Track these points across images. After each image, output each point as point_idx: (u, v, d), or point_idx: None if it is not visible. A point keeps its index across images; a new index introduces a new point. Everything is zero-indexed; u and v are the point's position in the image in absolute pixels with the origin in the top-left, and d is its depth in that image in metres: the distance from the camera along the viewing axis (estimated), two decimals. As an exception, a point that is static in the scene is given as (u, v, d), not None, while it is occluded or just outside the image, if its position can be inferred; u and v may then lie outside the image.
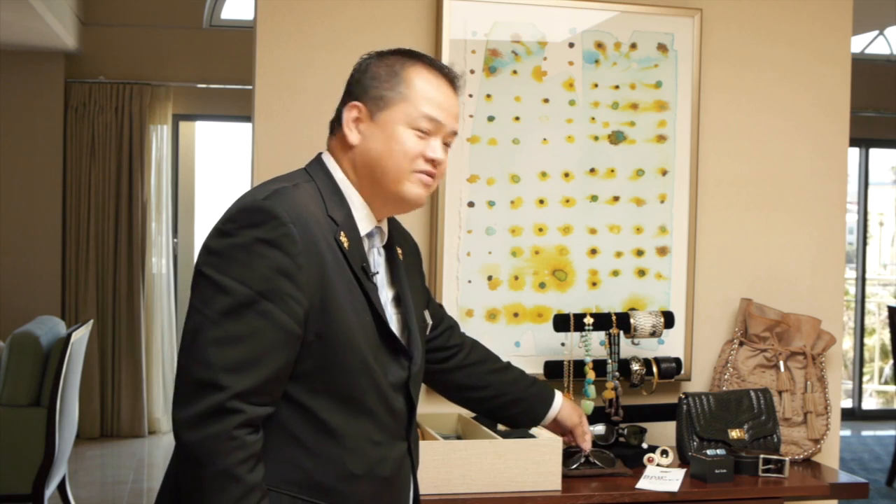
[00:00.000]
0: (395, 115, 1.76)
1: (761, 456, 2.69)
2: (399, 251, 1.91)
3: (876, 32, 7.73)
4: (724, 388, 2.98)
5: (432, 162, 1.78)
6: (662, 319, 2.90)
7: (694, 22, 3.05)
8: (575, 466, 2.52)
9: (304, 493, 1.68)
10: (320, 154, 1.85)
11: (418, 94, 1.76)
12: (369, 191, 1.79)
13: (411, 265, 1.95)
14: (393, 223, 1.95)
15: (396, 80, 1.77)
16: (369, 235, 1.81)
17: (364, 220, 1.79)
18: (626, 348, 2.94)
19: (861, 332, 8.43)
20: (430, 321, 2.00)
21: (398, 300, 1.86)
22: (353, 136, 1.78)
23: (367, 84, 1.79)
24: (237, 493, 1.57)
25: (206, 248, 1.65)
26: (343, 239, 1.71)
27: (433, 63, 1.82)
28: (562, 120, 2.99)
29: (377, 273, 1.81)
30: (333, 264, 1.68)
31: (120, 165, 6.92)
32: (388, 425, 1.76)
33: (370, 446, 1.73)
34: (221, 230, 1.64)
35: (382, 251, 1.86)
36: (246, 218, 1.63)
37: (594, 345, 2.87)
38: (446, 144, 1.82)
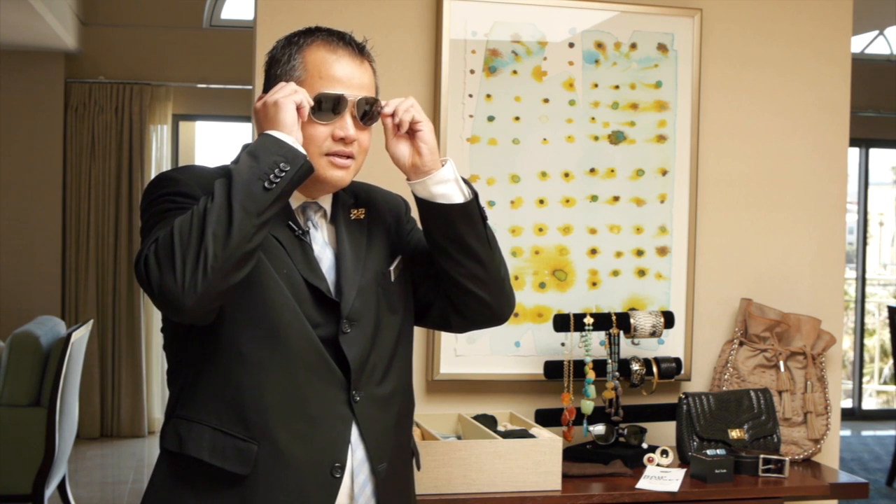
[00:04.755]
0: None
1: (761, 456, 2.69)
2: (358, 212, 1.87)
3: (876, 32, 7.72)
4: (724, 388, 2.97)
5: (343, 140, 1.73)
6: (662, 319, 2.90)
7: (694, 22, 3.05)
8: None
9: (225, 424, 1.68)
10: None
11: (314, 74, 1.74)
12: None
13: (377, 222, 1.89)
14: (355, 182, 1.92)
15: (293, 65, 1.75)
16: (302, 209, 1.80)
17: (293, 197, 1.77)
18: (626, 348, 2.94)
19: (861, 332, 8.42)
20: (393, 273, 1.86)
21: (338, 258, 1.81)
22: None
23: (271, 74, 1.79)
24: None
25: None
26: None
27: (330, 35, 1.78)
28: (562, 120, 2.99)
29: (308, 231, 1.78)
30: None
31: (120, 165, 6.92)
32: (317, 369, 1.72)
33: (290, 381, 1.70)
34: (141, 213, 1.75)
35: (326, 216, 1.83)
36: (148, 188, 1.73)
37: (594, 345, 2.87)
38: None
